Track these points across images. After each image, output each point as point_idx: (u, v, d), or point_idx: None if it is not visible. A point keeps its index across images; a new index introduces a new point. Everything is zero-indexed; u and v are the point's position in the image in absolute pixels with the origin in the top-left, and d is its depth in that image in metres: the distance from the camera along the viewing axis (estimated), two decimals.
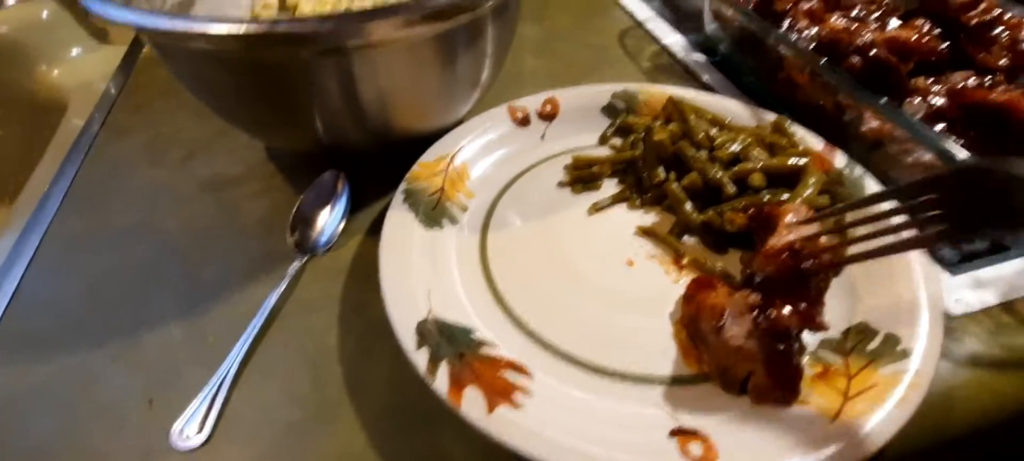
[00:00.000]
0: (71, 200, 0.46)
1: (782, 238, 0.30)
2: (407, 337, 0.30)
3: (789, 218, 0.32)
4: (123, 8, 0.33)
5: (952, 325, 0.35)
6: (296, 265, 0.38)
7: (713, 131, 0.42)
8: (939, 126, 0.43)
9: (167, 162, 0.50)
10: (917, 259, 0.34)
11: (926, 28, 0.50)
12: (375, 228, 0.41)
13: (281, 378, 0.33)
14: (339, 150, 0.45)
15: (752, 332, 0.29)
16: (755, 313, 0.29)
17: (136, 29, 0.34)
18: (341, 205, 0.42)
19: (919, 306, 0.31)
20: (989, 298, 0.36)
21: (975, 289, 0.36)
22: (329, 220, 0.41)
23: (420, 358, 0.29)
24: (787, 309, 0.29)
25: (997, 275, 0.37)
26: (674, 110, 0.44)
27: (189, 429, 0.30)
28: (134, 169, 0.49)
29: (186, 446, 0.30)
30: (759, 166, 0.38)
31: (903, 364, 0.29)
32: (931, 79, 0.47)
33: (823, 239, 0.31)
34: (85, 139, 0.53)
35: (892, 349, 0.30)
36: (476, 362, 0.30)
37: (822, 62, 0.43)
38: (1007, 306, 0.35)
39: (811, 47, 0.50)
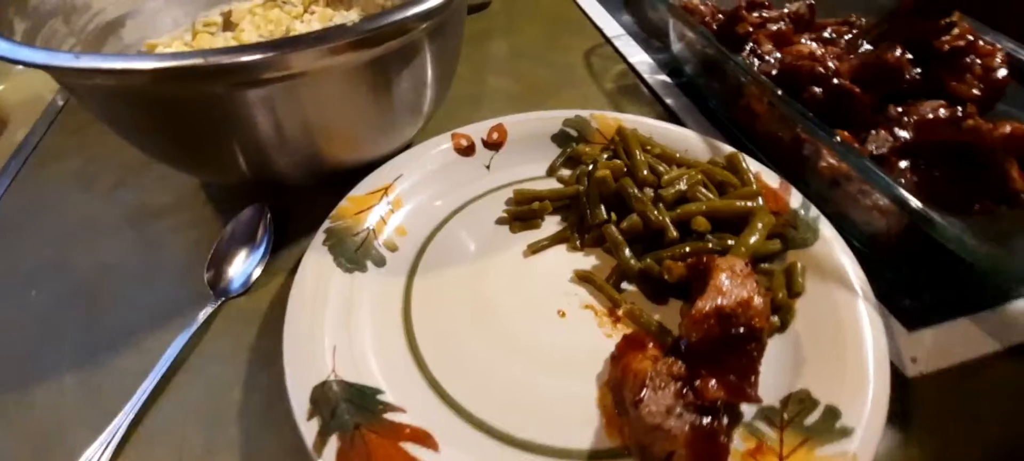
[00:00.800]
0: None
1: (711, 300, 0.28)
2: (300, 404, 0.28)
3: (723, 278, 0.29)
4: (2, 39, 0.30)
5: (907, 386, 0.32)
6: (208, 309, 0.36)
7: (660, 167, 0.39)
8: (904, 163, 0.40)
9: (95, 190, 0.47)
10: (870, 319, 0.31)
11: (897, 54, 0.47)
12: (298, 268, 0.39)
13: (173, 442, 0.30)
14: (269, 182, 0.42)
15: (674, 406, 0.26)
16: (679, 384, 0.26)
17: (25, 66, 0.31)
18: (260, 246, 0.39)
19: (865, 374, 0.28)
20: (949, 358, 0.33)
21: (934, 346, 0.33)
22: (246, 262, 0.38)
23: (309, 430, 0.27)
24: (713, 382, 0.26)
25: (958, 332, 0.34)
26: (620, 143, 0.41)
27: None
28: (59, 198, 0.47)
29: None
30: (703, 208, 0.36)
31: (841, 445, 0.26)
32: (900, 108, 0.44)
33: (757, 302, 0.28)
34: (14, 164, 0.51)
35: (831, 426, 0.27)
36: (373, 434, 0.27)
37: (778, 93, 0.40)
38: (967, 368, 0.33)
39: (773, 73, 0.47)
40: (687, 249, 0.35)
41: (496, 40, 0.68)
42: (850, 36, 0.52)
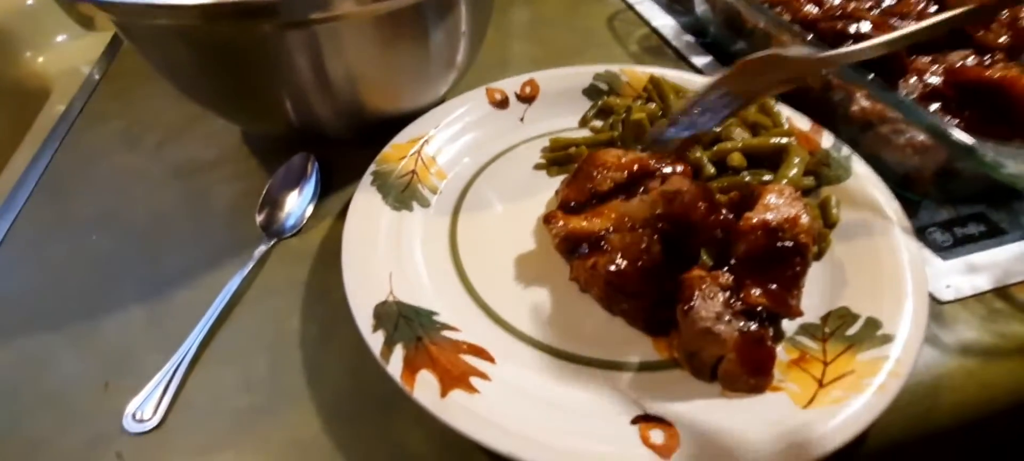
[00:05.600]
0: (42, 188, 0.45)
1: (759, 214, 0.29)
2: (364, 319, 0.29)
3: (771, 197, 0.30)
4: None
5: (942, 311, 0.33)
6: (262, 248, 0.37)
7: None
8: (934, 106, 0.41)
9: (141, 148, 0.49)
10: (905, 242, 0.32)
11: (921, 5, 0.48)
12: (346, 211, 0.40)
13: (239, 363, 0.32)
14: (312, 132, 0.44)
15: (723, 314, 0.27)
16: (727, 294, 0.28)
17: (96, 6, 0.33)
18: (310, 188, 0.41)
19: (904, 290, 0.30)
20: (982, 283, 0.34)
21: (967, 274, 0.34)
22: (297, 203, 0.40)
23: (375, 340, 0.28)
24: (758, 290, 0.27)
25: (991, 260, 0.35)
26: (654, 89, 0.43)
27: (142, 412, 0.29)
28: (108, 155, 0.48)
29: (138, 430, 0.29)
30: (739, 146, 0.37)
31: (884, 350, 0.27)
32: (928, 58, 0.45)
33: (805, 219, 0.29)
34: (62, 126, 0.52)
35: (872, 334, 0.28)
36: (434, 346, 0.28)
37: (808, 37, 0.41)
38: (1001, 292, 0.34)
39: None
40: (725, 183, 0.36)
41: (518, 8, 0.70)
42: None
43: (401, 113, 0.44)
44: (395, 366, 0.27)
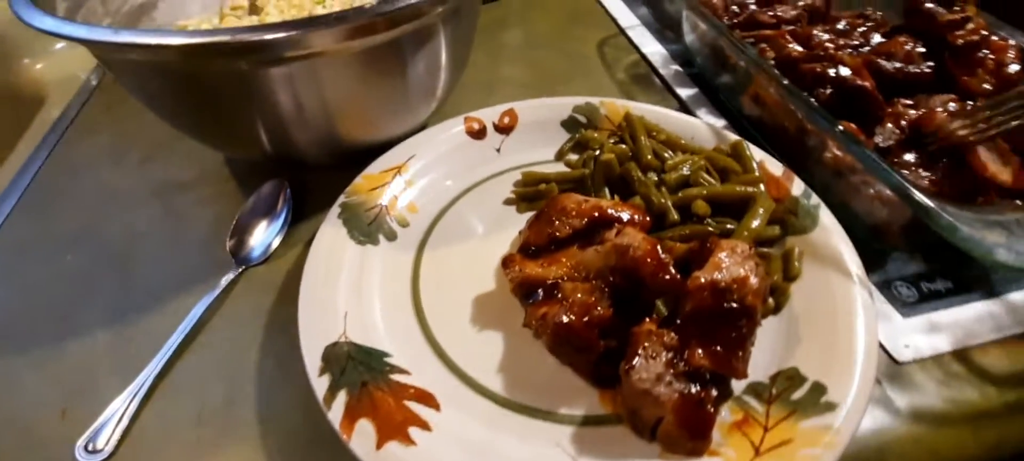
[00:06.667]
0: (24, 203, 0.46)
1: (708, 274, 0.29)
2: (312, 362, 0.29)
3: (722, 256, 0.30)
4: (48, 16, 0.32)
5: (898, 372, 0.33)
6: (229, 276, 0.38)
7: (665, 153, 0.40)
8: (910, 155, 0.40)
9: (125, 164, 0.50)
10: (863, 303, 0.32)
11: (909, 46, 0.48)
12: None
13: (195, 394, 0.32)
14: (288, 159, 0.44)
15: (664, 374, 0.27)
16: (670, 354, 0.28)
17: (68, 40, 0.34)
18: (280, 217, 0.41)
19: (854, 358, 0.29)
20: (942, 344, 0.33)
21: (928, 333, 0.34)
22: (266, 232, 0.40)
23: (321, 385, 0.28)
24: (701, 351, 0.27)
25: (954, 319, 0.35)
26: (626, 128, 0.42)
27: (95, 443, 0.30)
28: (92, 171, 0.49)
29: None
30: (704, 193, 0.37)
31: (826, 419, 0.27)
32: (910, 101, 0.44)
33: (753, 281, 0.29)
34: (52, 137, 0.53)
35: (816, 401, 0.28)
36: (379, 392, 0.29)
37: (784, 82, 0.41)
38: (960, 354, 0.33)
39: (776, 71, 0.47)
40: (687, 231, 0.36)
41: (511, 29, 0.70)
42: (864, 29, 0.52)
43: (381, 141, 0.44)
44: (336, 413, 0.27)
